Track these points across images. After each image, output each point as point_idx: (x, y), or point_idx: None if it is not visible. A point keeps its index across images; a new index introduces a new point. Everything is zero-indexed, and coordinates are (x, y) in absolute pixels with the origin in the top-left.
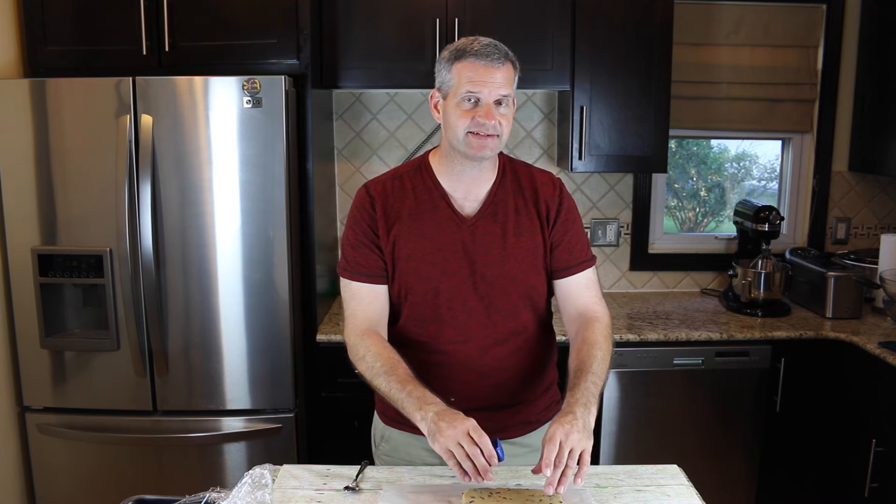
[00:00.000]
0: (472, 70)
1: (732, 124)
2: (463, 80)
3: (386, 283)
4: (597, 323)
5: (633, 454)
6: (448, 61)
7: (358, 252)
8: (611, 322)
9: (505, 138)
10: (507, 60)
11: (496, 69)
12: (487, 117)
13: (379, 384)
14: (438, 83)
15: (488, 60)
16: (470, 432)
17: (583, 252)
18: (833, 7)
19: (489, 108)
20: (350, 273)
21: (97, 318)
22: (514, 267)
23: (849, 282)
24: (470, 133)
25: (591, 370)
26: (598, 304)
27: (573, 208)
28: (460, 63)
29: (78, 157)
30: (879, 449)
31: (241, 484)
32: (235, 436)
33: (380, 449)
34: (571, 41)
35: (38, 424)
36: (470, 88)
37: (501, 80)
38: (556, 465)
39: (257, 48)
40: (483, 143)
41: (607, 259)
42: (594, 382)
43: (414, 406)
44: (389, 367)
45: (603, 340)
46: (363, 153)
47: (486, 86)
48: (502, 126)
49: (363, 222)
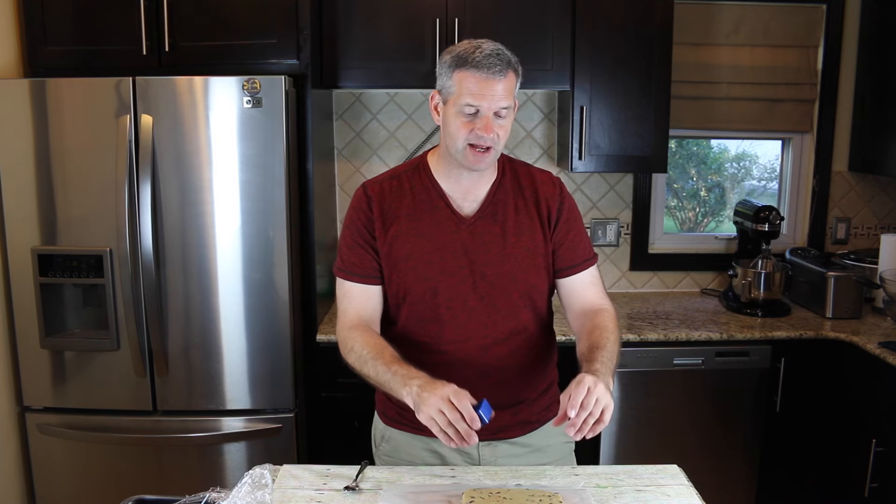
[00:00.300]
0: (473, 81)
1: (732, 124)
2: (464, 90)
3: (379, 283)
4: (605, 312)
5: (633, 454)
6: (450, 67)
7: (353, 252)
8: (616, 315)
9: (501, 146)
10: (509, 70)
11: (497, 81)
12: (486, 130)
13: (368, 372)
14: (439, 86)
15: (490, 73)
16: (450, 397)
17: (585, 250)
18: (833, 7)
19: (488, 121)
20: (344, 273)
21: (97, 318)
22: (514, 266)
23: (849, 282)
24: (469, 146)
25: (605, 349)
26: (603, 299)
27: (574, 207)
28: (462, 72)
29: (78, 157)
30: (879, 449)
31: (241, 484)
32: (235, 436)
33: (380, 449)
34: (571, 41)
35: (38, 424)
36: (470, 101)
37: (502, 91)
38: (584, 407)
39: (257, 48)
40: (480, 157)
41: (607, 259)
42: (609, 359)
43: (399, 383)
44: (376, 353)
45: (613, 327)
46: (363, 153)
47: (486, 99)
48: (500, 138)
49: (359, 223)
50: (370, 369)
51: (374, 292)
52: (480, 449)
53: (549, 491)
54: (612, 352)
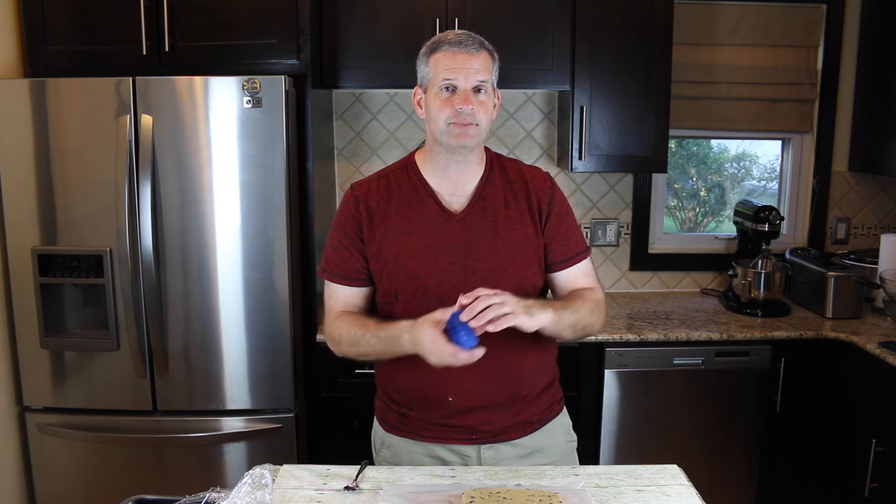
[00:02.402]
0: (448, 58)
1: (732, 124)
2: (440, 69)
3: (363, 285)
4: (590, 293)
5: (633, 454)
6: (425, 55)
7: (338, 255)
8: (604, 302)
9: (485, 127)
10: (482, 48)
11: (472, 56)
12: (465, 103)
13: (364, 350)
14: (419, 79)
15: (463, 48)
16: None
17: (578, 244)
18: (833, 7)
19: (467, 93)
20: (328, 274)
21: (97, 318)
22: (505, 259)
23: (849, 282)
24: (450, 124)
25: (567, 306)
26: (595, 288)
27: (564, 201)
28: (437, 54)
29: (78, 157)
30: (879, 449)
31: (241, 484)
32: (235, 436)
33: (381, 456)
34: (571, 41)
35: (38, 424)
36: (446, 76)
37: (478, 66)
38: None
39: (257, 48)
40: (463, 130)
41: (607, 259)
42: (562, 308)
43: (395, 344)
44: (362, 328)
45: (591, 304)
46: (363, 153)
47: (462, 72)
48: (480, 113)
49: (346, 225)
50: (364, 346)
51: (357, 293)
52: (482, 452)
53: (549, 491)
54: (567, 306)
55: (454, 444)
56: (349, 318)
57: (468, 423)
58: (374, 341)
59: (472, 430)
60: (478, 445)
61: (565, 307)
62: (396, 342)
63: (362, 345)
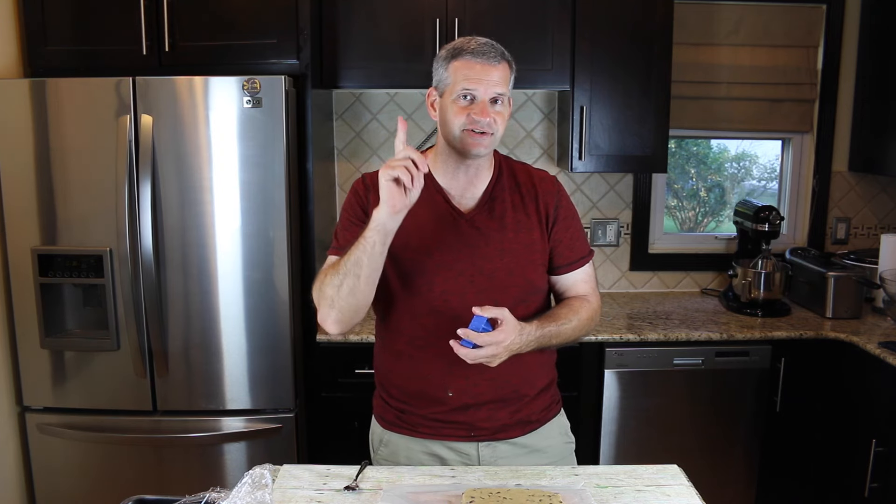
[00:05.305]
0: (468, 68)
1: (732, 124)
2: (459, 77)
3: None
4: (587, 302)
5: (633, 454)
6: (445, 59)
7: (350, 231)
8: (600, 310)
9: (499, 136)
10: (503, 60)
11: (493, 68)
12: (483, 114)
13: (347, 270)
14: (435, 81)
15: (485, 59)
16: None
17: (582, 248)
18: (833, 7)
19: (485, 105)
20: (337, 250)
21: (97, 318)
22: (511, 261)
23: (849, 282)
24: (465, 130)
25: (557, 322)
26: (592, 294)
27: (571, 205)
28: (457, 61)
29: (78, 157)
30: (879, 449)
31: (241, 484)
32: (235, 436)
33: (378, 454)
34: (571, 41)
35: (38, 424)
36: (466, 86)
37: (497, 78)
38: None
39: (257, 48)
40: (478, 140)
41: (607, 259)
42: (550, 332)
43: (365, 241)
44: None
45: (585, 315)
46: (363, 153)
47: (482, 84)
48: (497, 124)
49: (356, 205)
50: (348, 268)
51: None
52: (480, 449)
53: (549, 491)
54: (560, 329)
55: (452, 441)
56: (330, 266)
57: (467, 420)
58: (352, 260)
59: (470, 426)
60: (476, 443)
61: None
62: (363, 239)
63: (347, 268)
